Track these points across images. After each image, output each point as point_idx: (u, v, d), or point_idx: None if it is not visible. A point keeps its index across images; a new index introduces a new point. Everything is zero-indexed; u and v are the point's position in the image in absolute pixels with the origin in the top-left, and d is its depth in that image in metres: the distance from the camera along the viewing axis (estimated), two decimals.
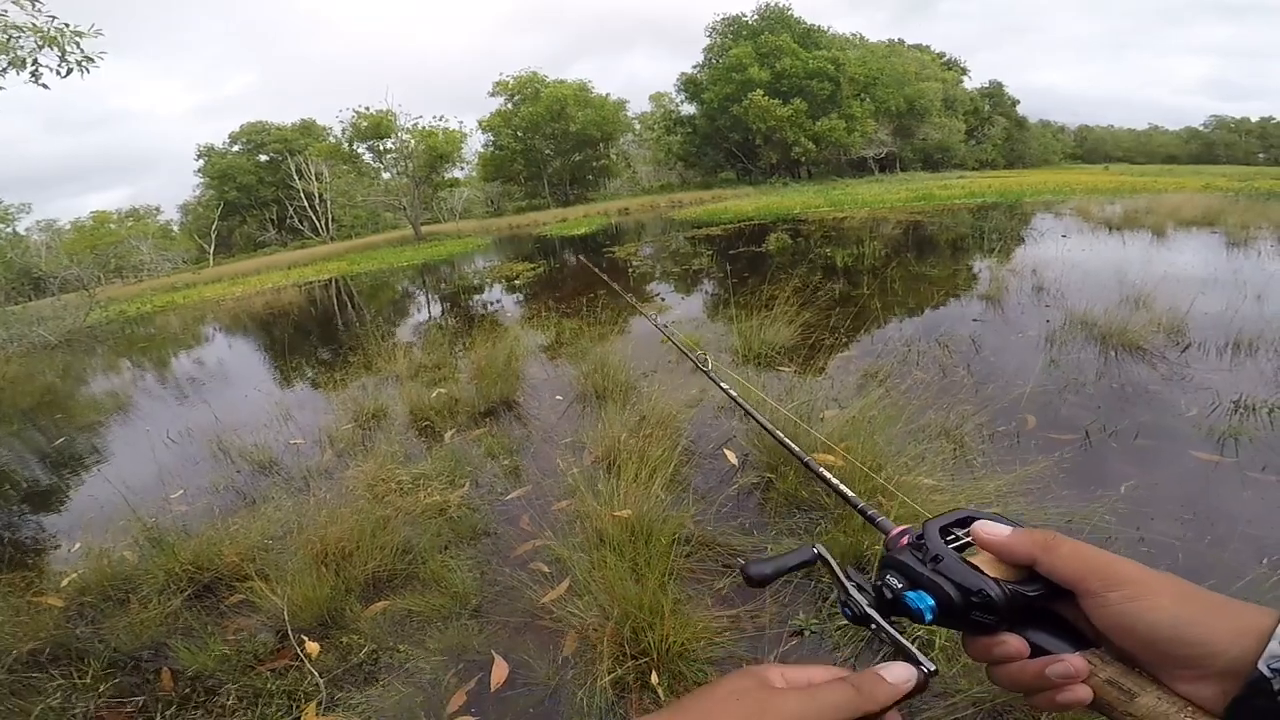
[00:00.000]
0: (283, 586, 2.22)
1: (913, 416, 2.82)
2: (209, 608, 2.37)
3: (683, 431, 3.01)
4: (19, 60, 5.48)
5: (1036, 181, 22.80)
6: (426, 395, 4.03)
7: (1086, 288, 5.62)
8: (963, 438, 2.88)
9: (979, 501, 2.17)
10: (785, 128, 34.05)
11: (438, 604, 2.10)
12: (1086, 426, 3.04)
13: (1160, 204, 11.66)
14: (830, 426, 2.67)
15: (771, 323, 4.47)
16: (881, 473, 2.33)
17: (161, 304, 17.73)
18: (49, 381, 8.98)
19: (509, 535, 2.50)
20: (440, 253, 20.64)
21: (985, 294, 5.70)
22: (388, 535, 2.36)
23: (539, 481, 2.88)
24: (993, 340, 4.42)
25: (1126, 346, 4.05)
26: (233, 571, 2.45)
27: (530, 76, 37.16)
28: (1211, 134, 67.84)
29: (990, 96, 47.74)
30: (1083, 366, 3.83)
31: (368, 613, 2.15)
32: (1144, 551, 2.05)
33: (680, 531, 2.22)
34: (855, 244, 10.50)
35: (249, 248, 39.93)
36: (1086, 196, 16.15)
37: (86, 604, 2.51)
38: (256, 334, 10.60)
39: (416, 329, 7.62)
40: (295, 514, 2.68)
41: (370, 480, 2.82)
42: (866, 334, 4.84)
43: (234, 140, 41.17)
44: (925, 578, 0.39)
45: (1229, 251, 7.27)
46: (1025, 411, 3.24)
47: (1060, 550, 0.37)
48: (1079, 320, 4.49)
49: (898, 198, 18.98)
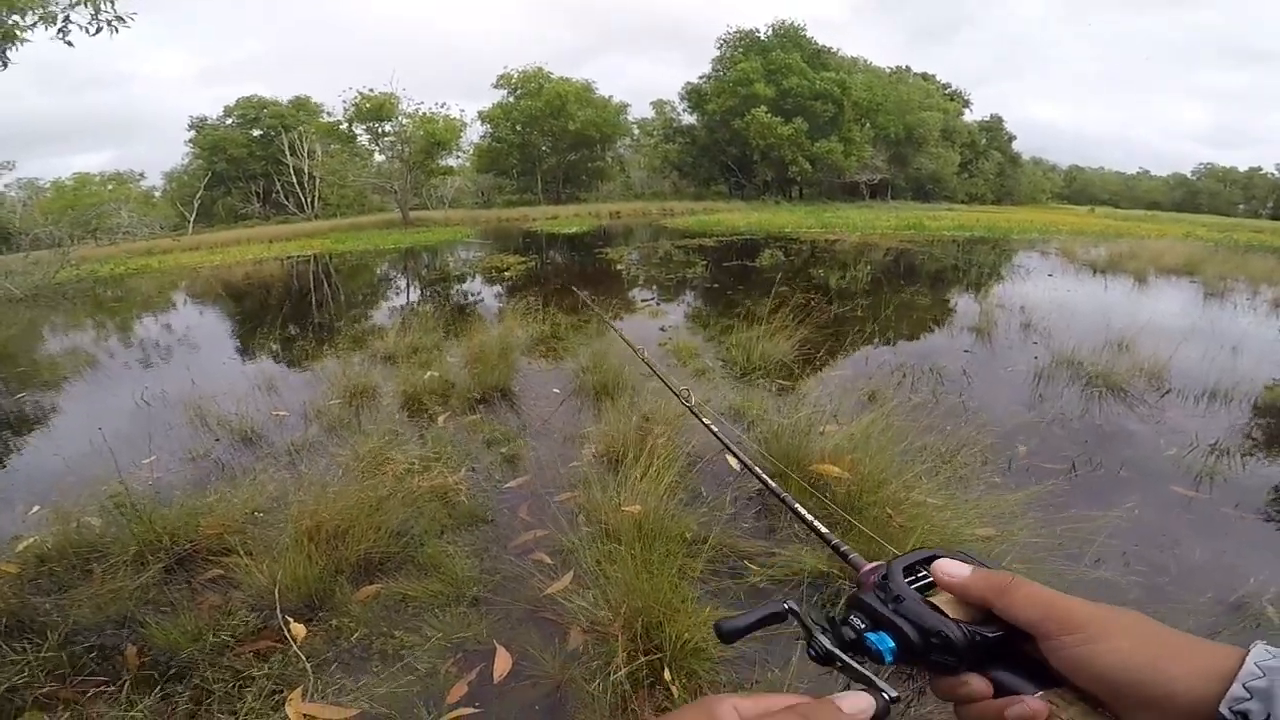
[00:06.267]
0: (268, 563, 2.13)
1: (911, 437, 2.85)
2: (182, 582, 2.27)
3: (686, 433, 2.98)
4: (50, 15, 5.25)
5: (1024, 219, 23.45)
6: (419, 377, 3.94)
7: (1072, 328, 5.77)
8: (959, 460, 2.92)
9: (977, 519, 2.20)
10: (784, 146, 34.26)
11: (435, 590, 2.05)
12: (1073, 458, 3.13)
13: (1143, 249, 12.08)
14: (833, 440, 2.69)
15: (770, 336, 4.50)
16: (885, 488, 2.35)
17: (136, 267, 17.07)
18: (9, 334, 8.59)
19: (509, 524, 2.46)
20: (428, 239, 20.36)
21: (975, 326, 5.82)
22: (383, 516, 2.29)
23: (538, 472, 2.83)
24: (983, 371, 4.52)
25: (1110, 387, 4.17)
26: (212, 544, 2.34)
27: (535, 71, 37.00)
28: (1198, 182, 69.13)
29: (988, 130, 47.99)
30: (1069, 403, 3.94)
31: (359, 595, 2.08)
32: (1130, 579, 2.11)
33: (688, 531, 2.20)
34: (848, 266, 10.66)
35: (231, 219, 38.80)
36: (1071, 237, 16.68)
37: (46, 573, 2.37)
38: (234, 304, 10.30)
39: (406, 311, 7.49)
40: (282, 488, 2.59)
41: (364, 460, 2.74)
42: (861, 355, 4.90)
43: (228, 113, 40.19)
44: (886, 618, 0.39)
45: (1206, 301, 7.56)
46: (1016, 441, 3.31)
47: (1015, 594, 0.37)
48: (1066, 359, 4.62)
49: (888, 225, 19.33)
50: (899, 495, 2.29)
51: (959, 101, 46.99)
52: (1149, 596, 2.06)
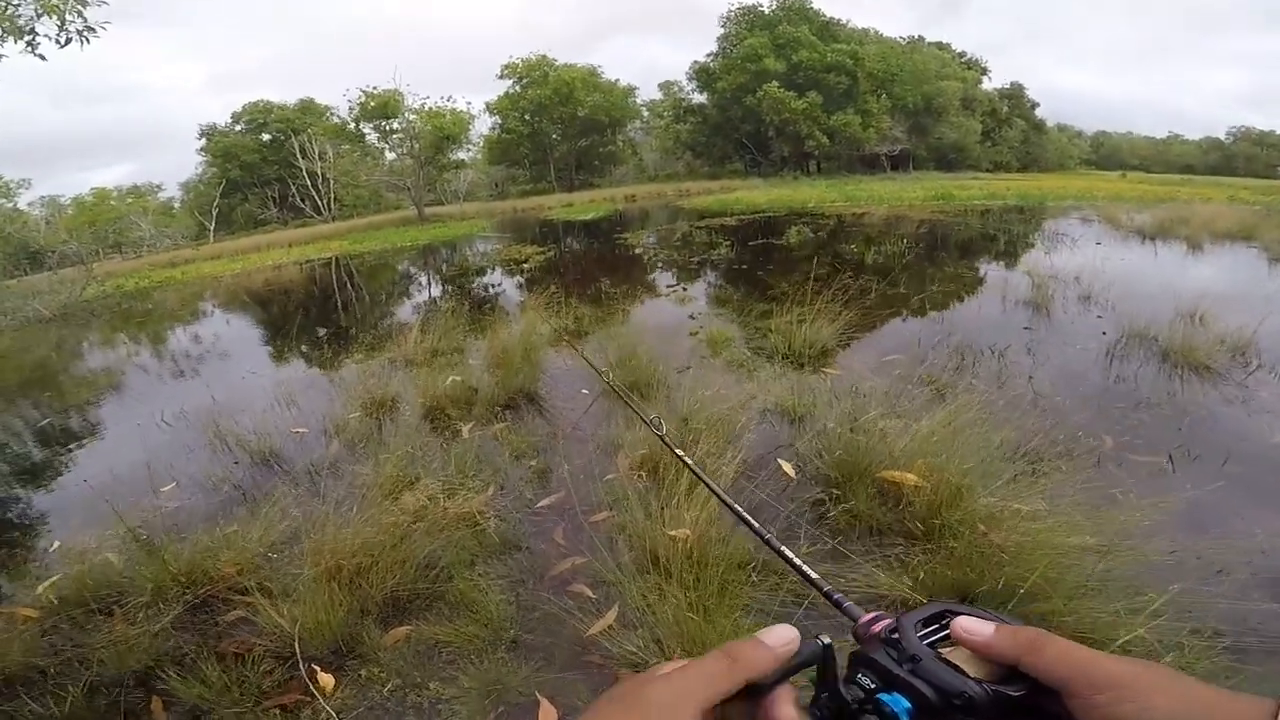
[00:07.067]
0: (289, 605, 1.95)
1: (983, 432, 2.55)
2: (205, 625, 2.10)
3: (732, 437, 2.72)
4: (17, 29, 5.13)
5: (1056, 186, 22.47)
6: (440, 383, 3.73)
7: (1135, 299, 5.36)
8: (1039, 457, 2.61)
9: (1085, 527, 1.90)
10: (800, 121, 33.50)
11: (470, 633, 1.83)
12: (1169, 449, 2.79)
13: (1192, 214, 11.35)
14: (899, 441, 2.40)
15: (811, 320, 4.19)
16: (970, 498, 2.06)
17: (159, 280, 17.30)
18: (40, 356, 8.66)
19: (543, 550, 2.23)
20: (445, 234, 20.25)
21: (1029, 300, 5.42)
22: (409, 547, 2.09)
23: (571, 488, 2.60)
24: (1048, 350, 4.15)
25: (1192, 365, 3.79)
26: (231, 584, 2.17)
27: (540, 60, 36.55)
28: (1233, 145, 66.85)
29: (1010, 98, 46.82)
30: (1148, 383, 3.57)
31: (388, 639, 1.88)
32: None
33: (743, 556, 1.95)
34: (881, 241, 10.21)
35: (249, 225, 39.26)
36: (1110, 203, 15.88)
37: (65, 617, 2.23)
38: (256, 312, 10.28)
39: (425, 312, 7.33)
40: (300, 519, 2.40)
41: (386, 484, 2.54)
42: (910, 335, 4.55)
43: (236, 120, 40.45)
44: (900, 679, 0.36)
45: (1272, 268, 7.00)
46: (1099, 430, 2.98)
47: (1046, 652, 0.35)
48: (1137, 334, 4.24)
49: (916, 196, 18.65)
50: (989, 505, 2.01)
51: (976, 70, 45.74)
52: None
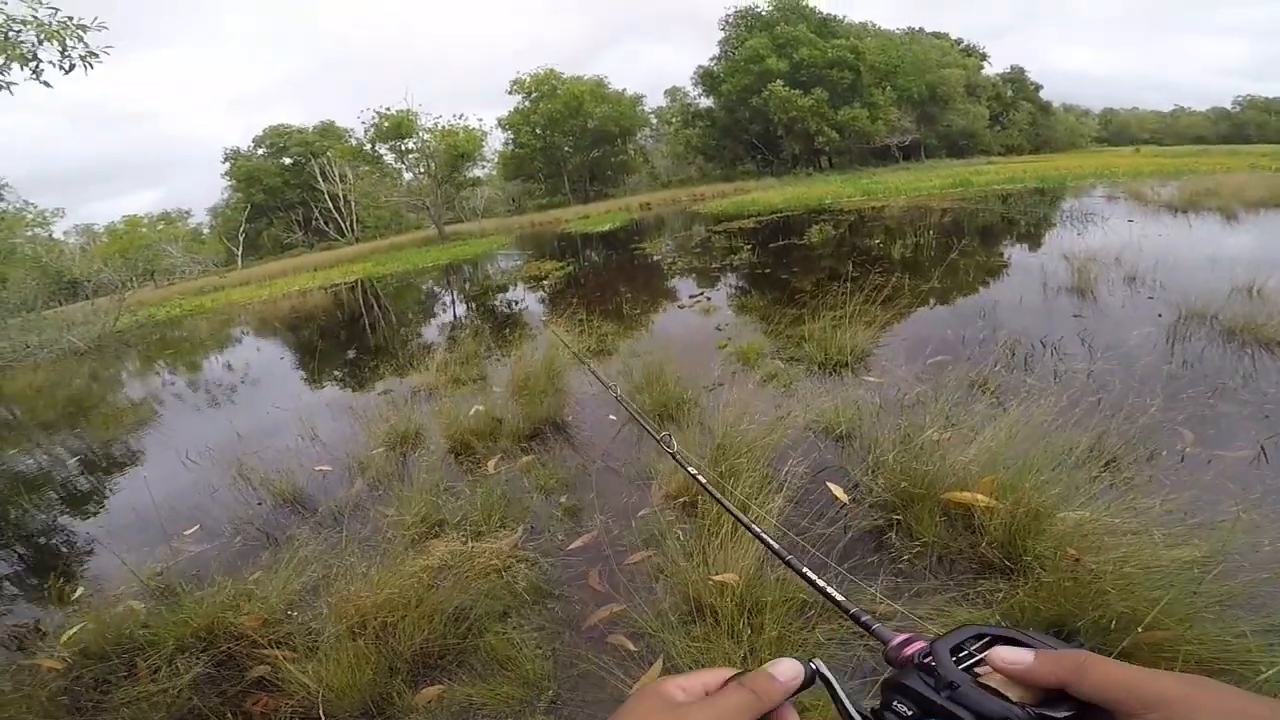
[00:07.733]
0: (313, 664, 1.82)
1: (1053, 438, 2.31)
2: (229, 680, 1.99)
3: (772, 460, 2.53)
4: (21, 56, 5.20)
5: (1072, 165, 21.82)
6: (463, 414, 3.61)
7: (1183, 275, 5.05)
8: (1117, 460, 2.37)
9: (1184, 537, 1.67)
10: (808, 118, 33.34)
11: (505, 693, 1.68)
12: (1259, 440, 2.52)
13: (1220, 185, 10.85)
14: (961, 454, 2.19)
15: (846, 324, 3.97)
16: (1052, 517, 1.84)
17: (189, 308, 17.69)
18: (73, 391, 8.82)
19: (578, 597, 2.07)
20: (465, 252, 20.37)
21: (1072, 285, 5.12)
22: (436, 599, 1.94)
23: (604, 525, 2.44)
24: (1103, 337, 3.87)
25: (1261, 341, 3.50)
26: (254, 638, 2.06)
27: (548, 74, 36.81)
28: (1241, 114, 65.78)
29: (1012, 82, 46.96)
30: (1219, 367, 3.29)
31: (419, 699, 1.74)
32: None
33: (803, 596, 1.77)
34: (906, 233, 9.90)
35: (276, 249, 40.05)
36: (1131, 179, 15.31)
37: (88, 670, 2.15)
38: (281, 341, 10.37)
39: (446, 336, 7.27)
40: (322, 570, 2.28)
41: (411, 529, 2.41)
42: (954, 335, 4.30)
43: (258, 144, 41.42)
44: (939, 706, 0.36)
45: None
46: (1176, 424, 2.72)
47: (1092, 674, 0.34)
48: (1195, 313, 3.95)
49: (933, 185, 18.22)
50: (1075, 523, 1.79)
51: (976, 56, 45.67)
52: None
